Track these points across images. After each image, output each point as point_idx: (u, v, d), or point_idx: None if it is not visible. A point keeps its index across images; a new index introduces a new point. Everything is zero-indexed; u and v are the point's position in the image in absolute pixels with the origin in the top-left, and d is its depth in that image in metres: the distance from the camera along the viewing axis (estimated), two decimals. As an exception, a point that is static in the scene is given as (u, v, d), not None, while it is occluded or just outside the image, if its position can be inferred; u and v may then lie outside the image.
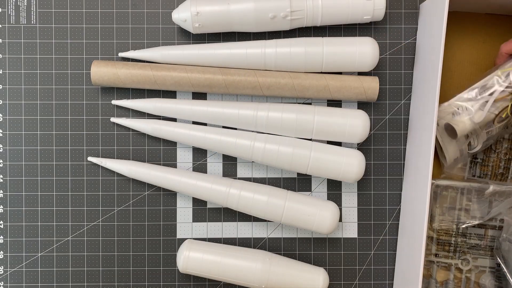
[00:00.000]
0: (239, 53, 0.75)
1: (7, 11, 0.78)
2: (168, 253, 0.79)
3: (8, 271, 0.79)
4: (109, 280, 0.79)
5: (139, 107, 0.77)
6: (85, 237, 0.79)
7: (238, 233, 0.80)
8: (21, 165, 0.79)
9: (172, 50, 0.76)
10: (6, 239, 0.79)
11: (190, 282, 0.79)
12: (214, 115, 0.76)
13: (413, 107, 0.78)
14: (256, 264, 0.73)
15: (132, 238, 0.79)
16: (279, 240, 0.80)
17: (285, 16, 0.73)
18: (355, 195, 0.80)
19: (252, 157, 0.75)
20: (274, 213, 0.74)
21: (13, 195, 0.79)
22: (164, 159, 0.79)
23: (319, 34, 0.78)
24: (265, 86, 0.75)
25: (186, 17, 0.73)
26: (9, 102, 0.78)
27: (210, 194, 0.75)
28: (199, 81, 0.75)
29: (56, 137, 0.79)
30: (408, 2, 0.79)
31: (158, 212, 0.79)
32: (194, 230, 0.79)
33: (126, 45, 0.79)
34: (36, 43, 0.78)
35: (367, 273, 0.80)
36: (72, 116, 0.79)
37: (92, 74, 0.75)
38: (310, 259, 0.80)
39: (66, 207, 0.79)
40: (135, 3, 0.79)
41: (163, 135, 0.77)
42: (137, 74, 0.75)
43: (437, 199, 0.77)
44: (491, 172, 0.78)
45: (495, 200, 0.76)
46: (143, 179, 0.77)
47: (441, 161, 0.77)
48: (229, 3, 0.73)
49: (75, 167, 0.79)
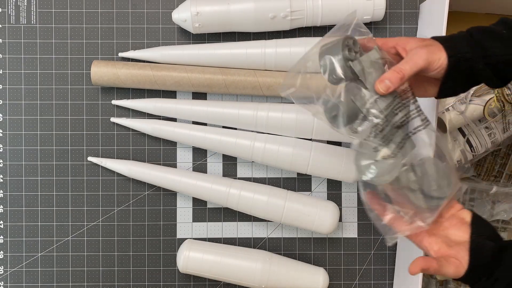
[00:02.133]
0: (239, 53, 0.75)
1: (7, 11, 0.78)
2: (168, 253, 0.79)
3: (8, 271, 0.79)
4: (109, 280, 0.79)
5: (139, 107, 0.77)
6: (85, 237, 0.79)
7: (238, 233, 0.80)
8: (21, 165, 0.78)
9: (172, 50, 0.76)
10: (6, 239, 0.79)
11: (190, 282, 0.79)
12: (214, 115, 0.76)
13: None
14: (256, 264, 0.73)
15: (132, 238, 0.79)
16: (279, 240, 0.80)
17: (285, 16, 0.73)
18: (355, 195, 0.80)
19: (252, 157, 0.75)
20: (274, 213, 0.74)
21: (13, 195, 0.79)
22: (164, 159, 0.79)
23: (319, 34, 0.78)
24: (265, 86, 0.75)
25: (186, 17, 0.73)
26: (9, 102, 0.78)
27: (210, 194, 0.75)
28: (199, 81, 0.75)
29: (56, 137, 0.79)
30: (408, 2, 0.79)
31: (158, 212, 0.79)
32: (194, 230, 0.79)
33: (126, 45, 0.79)
34: (36, 43, 0.78)
35: (367, 273, 0.80)
36: (72, 116, 0.79)
37: (92, 74, 0.75)
38: (310, 259, 0.80)
39: (66, 207, 0.79)
40: (135, 3, 0.79)
41: (163, 135, 0.77)
42: (137, 74, 0.75)
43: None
44: (484, 173, 0.78)
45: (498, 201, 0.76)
46: (143, 179, 0.77)
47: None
48: (229, 3, 0.73)
49: (75, 167, 0.79)
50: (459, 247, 0.53)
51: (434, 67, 0.54)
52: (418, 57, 0.53)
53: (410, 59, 0.53)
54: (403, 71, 0.52)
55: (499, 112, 0.72)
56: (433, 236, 0.55)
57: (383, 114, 0.53)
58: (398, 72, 0.52)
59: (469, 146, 0.74)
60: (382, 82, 0.52)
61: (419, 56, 0.53)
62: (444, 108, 0.73)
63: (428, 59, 0.53)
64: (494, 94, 0.71)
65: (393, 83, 0.52)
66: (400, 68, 0.53)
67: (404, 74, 0.52)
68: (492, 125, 0.73)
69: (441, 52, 0.54)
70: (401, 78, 0.52)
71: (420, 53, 0.53)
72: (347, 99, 0.53)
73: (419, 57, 0.53)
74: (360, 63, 0.53)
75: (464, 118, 0.72)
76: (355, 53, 0.54)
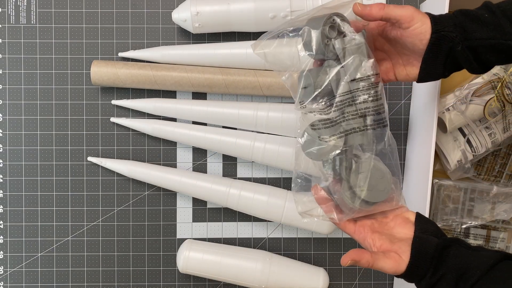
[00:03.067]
0: (239, 53, 0.75)
1: (7, 11, 0.78)
2: (168, 253, 0.79)
3: (8, 271, 0.79)
4: (109, 280, 0.79)
5: (139, 107, 0.77)
6: (85, 237, 0.79)
7: (238, 233, 0.80)
8: (21, 165, 0.78)
9: (172, 50, 0.76)
10: (6, 239, 0.79)
11: (190, 282, 0.79)
12: (214, 115, 0.76)
13: (413, 107, 0.78)
14: (256, 264, 0.73)
15: (132, 238, 0.79)
16: (279, 240, 0.80)
17: (285, 16, 0.73)
18: (355, 195, 0.80)
19: (252, 157, 0.75)
20: (274, 213, 0.74)
21: (13, 195, 0.79)
22: (164, 159, 0.79)
23: (319, 34, 0.78)
24: (265, 86, 0.75)
25: (186, 17, 0.73)
26: (9, 102, 0.78)
27: (210, 194, 0.75)
28: (199, 81, 0.75)
29: (56, 137, 0.79)
30: (408, 2, 0.79)
31: (158, 212, 0.79)
32: (194, 230, 0.79)
33: (126, 45, 0.79)
34: (36, 43, 0.78)
35: (367, 273, 0.80)
36: (72, 116, 0.79)
37: (92, 74, 0.75)
38: (310, 259, 0.80)
39: (66, 207, 0.79)
40: (135, 3, 0.79)
41: (163, 135, 0.77)
42: (137, 74, 0.75)
43: (440, 198, 0.77)
44: (485, 173, 0.78)
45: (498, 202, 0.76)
46: (143, 179, 0.77)
47: (444, 166, 0.77)
48: (229, 3, 0.73)
49: (75, 167, 0.79)
50: (402, 242, 0.53)
51: (415, 28, 0.53)
52: (402, 7, 0.54)
53: (396, 6, 0.54)
54: (385, 5, 0.54)
55: (500, 112, 0.72)
56: (376, 233, 0.55)
57: (341, 99, 0.53)
58: (381, 5, 0.54)
59: (469, 146, 0.74)
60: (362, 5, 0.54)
61: (404, 7, 0.54)
62: (444, 108, 0.73)
63: (412, 14, 0.53)
64: (494, 94, 0.71)
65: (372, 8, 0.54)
66: (384, 4, 0.54)
67: (384, 7, 0.53)
68: (492, 125, 0.73)
69: (426, 20, 0.54)
70: (380, 8, 0.53)
71: (406, 6, 0.54)
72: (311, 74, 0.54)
73: (403, 7, 0.54)
74: (340, 44, 0.53)
75: (464, 118, 0.72)
76: (339, 33, 0.54)
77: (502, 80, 0.71)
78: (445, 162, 0.76)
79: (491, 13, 0.53)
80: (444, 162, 0.76)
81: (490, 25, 0.53)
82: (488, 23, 0.53)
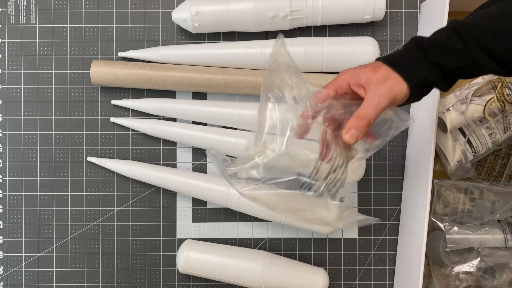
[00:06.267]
0: (239, 53, 0.75)
1: (7, 11, 0.78)
2: (168, 253, 0.79)
3: (7, 271, 0.78)
4: (109, 280, 0.79)
5: (139, 107, 0.77)
6: (85, 237, 0.79)
7: (238, 233, 0.79)
8: (21, 165, 0.78)
9: (172, 50, 0.76)
10: (6, 239, 0.78)
11: (190, 282, 0.79)
12: (214, 115, 0.76)
13: (413, 107, 0.78)
14: (256, 264, 0.73)
15: (132, 238, 0.79)
16: (279, 240, 0.80)
17: (285, 16, 0.73)
18: (355, 195, 0.80)
19: (252, 157, 0.75)
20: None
21: (13, 195, 0.78)
22: (164, 159, 0.79)
23: (319, 34, 0.78)
24: (265, 86, 0.75)
25: (186, 16, 0.73)
26: (8, 102, 0.78)
27: (210, 194, 0.75)
28: (199, 81, 0.75)
29: (56, 137, 0.79)
30: (409, 1, 0.79)
31: (158, 212, 0.79)
32: (194, 230, 0.79)
33: (126, 45, 0.79)
34: (36, 43, 0.78)
35: (367, 273, 0.80)
36: (72, 116, 0.79)
37: (92, 74, 0.75)
38: (310, 259, 0.80)
39: (66, 207, 0.79)
40: (135, 3, 0.79)
41: (163, 135, 0.77)
42: (137, 74, 0.75)
43: (440, 198, 0.77)
44: (485, 173, 0.78)
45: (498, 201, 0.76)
46: (143, 179, 0.76)
47: (444, 166, 0.77)
48: (229, 3, 0.73)
49: (74, 167, 0.79)
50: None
51: (397, 101, 0.52)
52: (379, 97, 0.50)
53: (371, 102, 0.50)
54: (367, 116, 0.50)
55: (500, 112, 0.72)
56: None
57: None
58: (363, 118, 0.50)
59: (469, 146, 0.74)
60: (349, 132, 0.50)
61: (380, 96, 0.50)
62: (444, 108, 0.73)
63: (390, 97, 0.50)
64: (494, 94, 0.71)
65: (361, 131, 0.50)
66: (364, 114, 0.50)
67: (369, 120, 0.50)
68: (492, 125, 0.73)
69: (400, 84, 0.51)
70: (367, 124, 0.50)
71: (380, 93, 0.50)
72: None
73: (380, 97, 0.50)
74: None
75: (464, 118, 0.72)
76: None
77: (502, 80, 0.71)
78: (445, 162, 0.76)
79: (462, 41, 0.50)
80: (444, 162, 0.76)
81: (462, 53, 0.50)
82: (459, 51, 0.50)
